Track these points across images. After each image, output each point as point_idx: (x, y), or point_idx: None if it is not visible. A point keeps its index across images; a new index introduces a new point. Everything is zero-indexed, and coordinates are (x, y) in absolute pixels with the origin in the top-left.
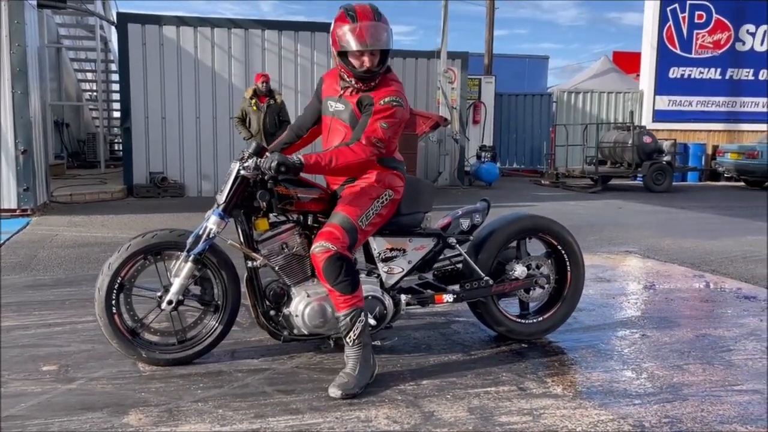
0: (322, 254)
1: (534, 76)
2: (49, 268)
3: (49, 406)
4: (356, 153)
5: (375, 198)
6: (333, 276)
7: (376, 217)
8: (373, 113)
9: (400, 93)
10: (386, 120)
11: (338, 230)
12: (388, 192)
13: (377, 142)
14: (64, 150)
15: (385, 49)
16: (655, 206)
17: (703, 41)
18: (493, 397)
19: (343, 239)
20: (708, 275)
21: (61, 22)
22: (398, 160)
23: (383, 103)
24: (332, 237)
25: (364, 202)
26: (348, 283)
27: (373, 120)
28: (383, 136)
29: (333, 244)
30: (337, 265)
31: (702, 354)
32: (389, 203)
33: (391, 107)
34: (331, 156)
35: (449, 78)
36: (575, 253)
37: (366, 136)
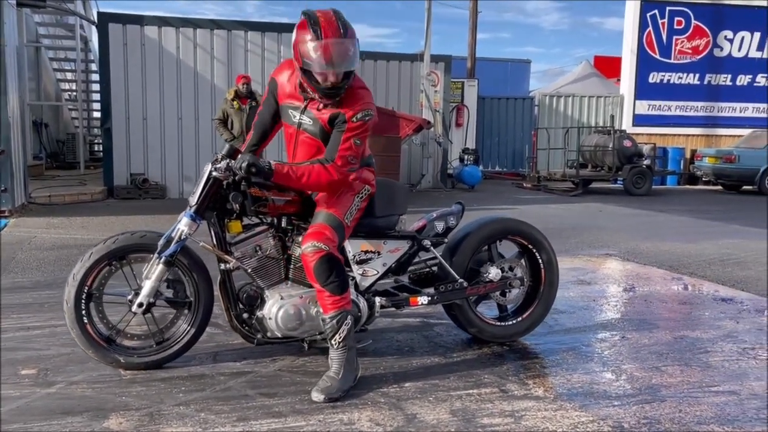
0: (314, 254)
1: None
2: (27, 270)
3: (28, 410)
4: (331, 174)
5: (355, 193)
6: (324, 276)
7: (357, 211)
8: (346, 130)
9: (370, 104)
10: (359, 136)
11: (327, 230)
12: (366, 187)
13: (352, 160)
14: (43, 150)
15: None
16: (634, 209)
17: (682, 47)
18: (475, 399)
19: (333, 239)
20: (686, 278)
21: (40, 21)
22: (368, 155)
23: (356, 120)
24: (323, 237)
25: (346, 199)
26: (338, 284)
27: (346, 138)
28: (357, 153)
29: (325, 244)
30: (328, 265)
31: (680, 356)
32: (367, 197)
33: (364, 123)
34: (305, 172)
35: (432, 81)
36: (547, 251)
37: (341, 156)
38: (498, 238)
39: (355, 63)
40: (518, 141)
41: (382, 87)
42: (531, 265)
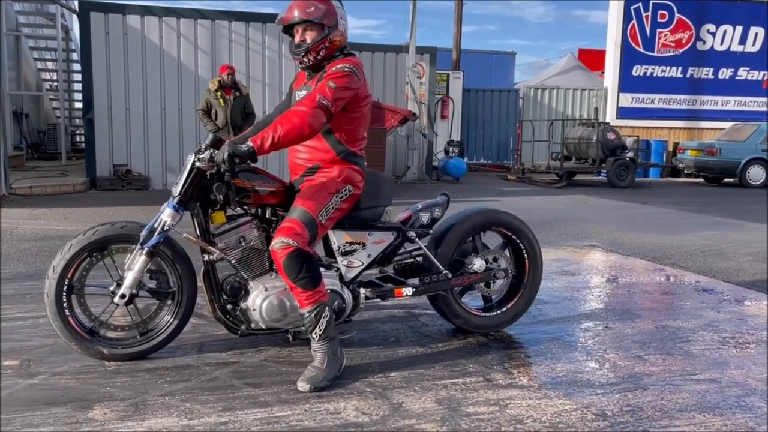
0: (283, 250)
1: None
2: (9, 261)
3: (11, 401)
4: (298, 112)
5: (334, 193)
6: (294, 272)
7: (335, 211)
8: (324, 77)
9: (355, 64)
10: (334, 80)
11: (298, 225)
12: (347, 187)
13: (322, 99)
14: (23, 141)
15: (319, 24)
16: (618, 201)
17: (666, 40)
18: (460, 388)
19: (303, 234)
20: (668, 269)
21: (20, 9)
22: (359, 155)
23: (334, 69)
24: (292, 232)
25: (323, 197)
26: (309, 279)
27: (323, 83)
28: (329, 95)
29: (293, 240)
30: (298, 261)
31: (662, 345)
32: (348, 198)
33: (340, 71)
34: (275, 125)
35: (418, 73)
36: (531, 242)
37: (310, 93)
38: (482, 229)
39: (312, 16)
40: (503, 133)
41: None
42: (515, 256)
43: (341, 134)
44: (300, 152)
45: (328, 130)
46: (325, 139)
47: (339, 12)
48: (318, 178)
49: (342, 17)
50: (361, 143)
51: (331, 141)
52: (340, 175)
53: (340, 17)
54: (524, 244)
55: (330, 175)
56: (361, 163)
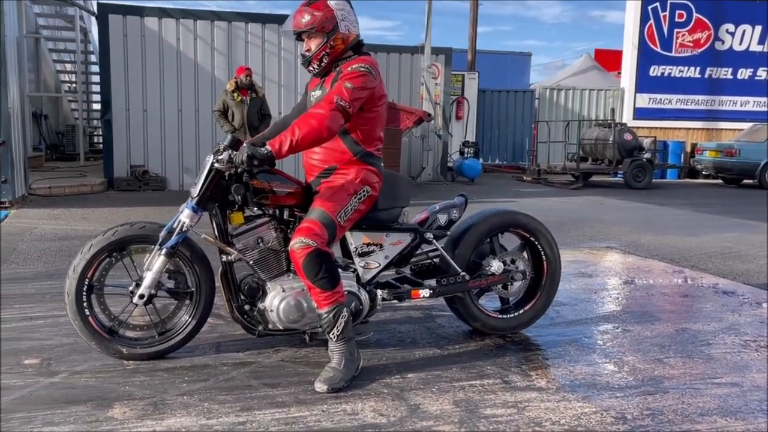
0: (302, 250)
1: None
2: (29, 261)
3: (32, 399)
4: (316, 115)
5: (353, 194)
6: (313, 272)
7: (353, 213)
8: (341, 78)
9: (370, 63)
10: (351, 81)
11: (317, 226)
12: (365, 188)
13: (339, 100)
14: (43, 142)
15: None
16: (635, 203)
17: (683, 40)
18: (478, 390)
19: (322, 235)
20: (687, 271)
21: (40, 11)
22: (376, 156)
23: (350, 70)
24: (311, 233)
25: (342, 198)
26: (328, 279)
27: (339, 84)
28: (347, 96)
29: (313, 240)
30: (317, 261)
31: (682, 348)
32: (366, 199)
33: (357, 71)
34: (293, 128)
35: (433, 73)
36: (550, 244)
37: (327, 95)
38: (500, 231)
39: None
40: (518, 134)
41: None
42: (533, 258)
43: (357, 134)
44: (315, 153)
45: (344, 130)
46: (342, 139)
47: (340, 14)
48: (335, 179)
49: (344, 18)
50: (377, 143)
51: (348, 141)
52: (357, 176)
53: (341, 19)
54: (542, 245)
55: (347, 177)
56: (378, 164)
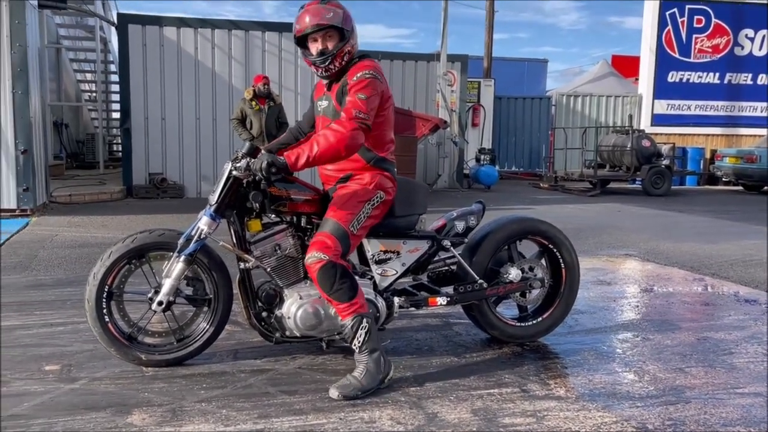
0: (315, 264)
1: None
2: (49, 268)
3: (52, 405)
4: (336, 130)
5: (365, 201)
6: (328, 285)
7: (367, 219)
8: (349, 91)
9: (374, 67)
10: (362, 91)
11: (330, 239)
12: (378, 194)
13: (358, 113)
14: (63, 150)
15: (339, 29)
16: (653, 210)
17: (702, 45)
18: (496, 398)
19: (335, 248)
20: (708, 278)
21: (61, 22)
22: (389, 160)
23: (356, 79)
24: (324, 246)
25: (353, 206)
26: (344, 291)
27: (350, 96)
28: (363, 107)
29: (324, 254)
30: (330, 273)
31: (704, 357)
32: (380, 204)
33: (364, 79)
34: (312, 143)
35: (449, 81)
36: (569, 251)
37: (345, 111)
38: (519, 238)
39: (331, 21)
40: (535, 141)
41: (398, 87)
42: (551, 265)
43: (368, 141)
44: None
45: None
46: None
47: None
48: (350, 185)
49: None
50: (389, 146)
51: (360, 150)
52: (372, 181)
53: (353, 21)
54: (561, 253)
55: (362, 182)
56: (392, 168)
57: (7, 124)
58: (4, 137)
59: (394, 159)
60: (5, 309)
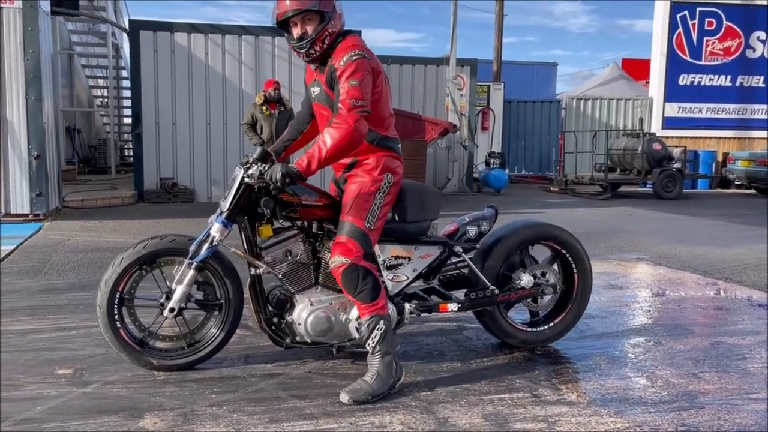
0: (338, 268)
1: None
2: (62, 272)
3: (65, 409)
4: (340, 126)
5: (375, 191)
6: (353, 287)
7: (382, 208)
8: (339, 78)
9: (359, 46)
10: (353, 77)
11: (350, 242)
12: (387, 177)
13: (355, 102)
14: (75, 155)
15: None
16: (665, 213)
17: (713, 48)
18: (507, 403)
19: (356, 250)
20: (721, 283)
21: (73, 29)
22: (392, 138)
23: (343, 63)
24: (345, 250)
25: (365, 202)
26: (368, 292)
27: (342, 84)
28: (359, 94)
29: (346, 257)
30: (353, 275)
31: (717, 362)
32: (392, 188)
33: (351, 62)
34: (319, 145)
35: (458, 85)
36: (580, 255)
37: (342, 102)
38: (531, 243)
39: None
40: (545, 144)
41: (407, 91)
42: (564, 270)
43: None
44: None
45: None
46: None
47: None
48: (357, 173)
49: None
50: (389, 121)
51: None
52: (377, 165)
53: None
54: (574, 258)
55: (368, 168)
56: (395, 146)
57: (21, 130)
58: (18, 143)
59: (397, 135)
60: (19, 313)
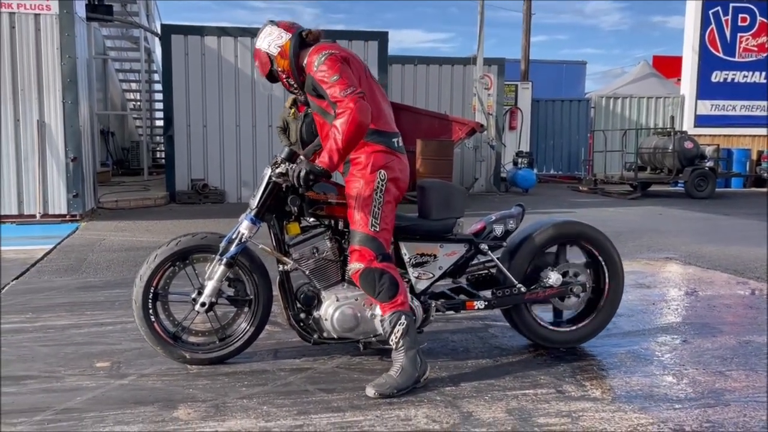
0: (354, 275)
1: (571, 82)
2: (98, 270)
3: (104, 399)
4: (343, 113)
5: (370, 194)
6: (371, 289)
7: (384, 207)
8: (320, 84)
9: (324, 47)
10: (330, 74)
11: (361, 249)
12: (379, 175)
13: (345, 90)
14: (110, 158)
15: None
16: (697, 213)
17: (747, 44)
18: (531, 399)
19: (368, 255)
20: (752, 282)
21: (107, 34)
22: (383, 131)
23: (316, 68)
24: (359, 256)
25: (363, 207)
26: (386, 291)
27: (325, 87)
28: (344, 83)
29: (359, 263)
30: (369, 279)
31: (745, 360)
32: (389, 184)
33: (322, 64)
34: (333, 137)
35: (485, 84)
36: (610, 253)
37: (334, 99)
38: (560, 242)
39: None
40: (574, 144)
41: (434, 91)
42: (594, 270)
43: None
44: None
45: None
46: None
47: (266, 43)
48: (352, 176)
49: (270, 43)
50: (377, 114)
51: None
52: (368, 163)
53: (267, 46)
54: (604, 257)
55: (360, 168)
56: (387, 140)
57: (58, 133)
58: (55, 145)
59: (392, 129)
60: (58, 309)
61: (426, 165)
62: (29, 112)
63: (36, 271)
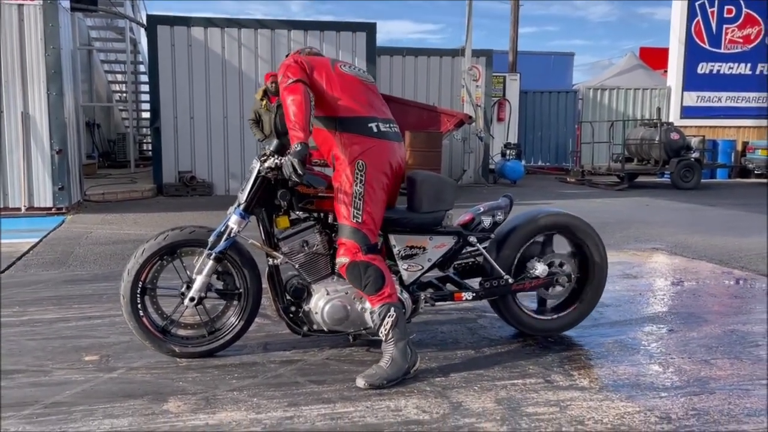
0: (340, 269)
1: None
2: (85, 263)
3: (93, 393)
4: (286, 95)
5: (350, 185)
6: (357, 281)
7: (366, 197)
8: None
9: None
10: (282, 78)
11: (347, 242)
12: (357, 165)
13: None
14: (95, 150)
15: None
16: (682, 203)
17: (733, 36)
18: (520, 388)
19: (353, 248)
20: (737, 272)
21: (92, 24)
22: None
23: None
24: (345, 250)
25: (345, 199)
26: (372, 283)
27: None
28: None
29: (345, 257)
30: (355, 272)
31: (730, 349)
32: (368, 172)
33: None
34: (287, 115)
35: (474, 76)
36: (595, 243)
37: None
38: (545, 232)
39: None
40: (561, 135)
41: (423, 82)
42: (579, 259)
43: (323, 109)
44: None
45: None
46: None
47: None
48: (336, 171)
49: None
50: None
51: (323, 123)
52: (345, 156)
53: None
54: (589, 247)
55: (340, 163)
56: (362, 128)
57: (43, 125)
58: (40, 137)
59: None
60: (45, 303)
61: (415, 156)
62: (13, 104)
63: (22, 265)
